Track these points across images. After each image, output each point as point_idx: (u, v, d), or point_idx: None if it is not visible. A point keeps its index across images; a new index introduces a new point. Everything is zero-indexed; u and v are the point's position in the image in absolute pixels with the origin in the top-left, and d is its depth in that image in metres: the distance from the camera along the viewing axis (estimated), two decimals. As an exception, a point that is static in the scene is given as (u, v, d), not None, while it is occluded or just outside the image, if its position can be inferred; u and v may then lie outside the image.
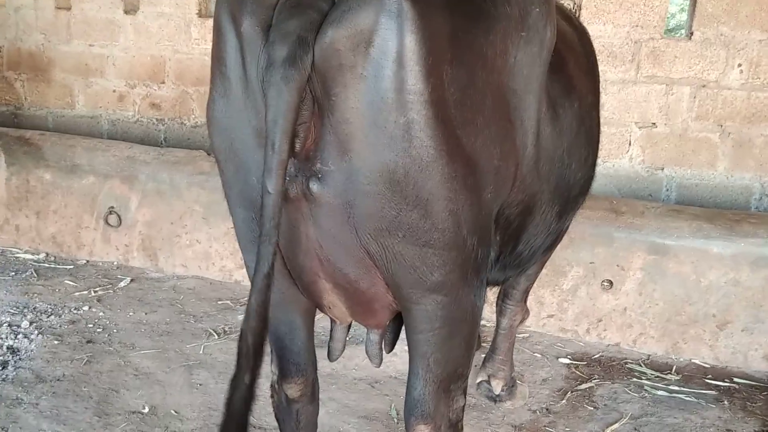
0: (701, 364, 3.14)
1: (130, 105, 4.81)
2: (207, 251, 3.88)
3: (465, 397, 1.66)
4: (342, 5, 1.28)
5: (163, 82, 4.73)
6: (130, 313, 3.39)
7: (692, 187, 3.93)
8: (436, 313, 1.51)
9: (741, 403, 2.81)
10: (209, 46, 4.69)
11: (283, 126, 1.29)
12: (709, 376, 3.03)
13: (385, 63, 1.27)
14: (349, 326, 1.88)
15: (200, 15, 4.56)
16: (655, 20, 3.80)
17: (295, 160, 1.37)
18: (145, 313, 3.41)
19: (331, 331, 1.89)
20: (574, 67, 1.98)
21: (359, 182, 1.35)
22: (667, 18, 3.86)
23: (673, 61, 3.82)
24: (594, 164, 2.14)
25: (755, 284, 3.05)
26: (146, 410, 2.59)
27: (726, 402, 2.81)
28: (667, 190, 3.98)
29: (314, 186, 1.39)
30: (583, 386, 2.92)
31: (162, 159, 3.95)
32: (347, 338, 1.90)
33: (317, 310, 1.77)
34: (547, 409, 2.75)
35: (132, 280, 3.80)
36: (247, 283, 3.69)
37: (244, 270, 3.83)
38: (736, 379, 3.00)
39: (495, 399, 2.73)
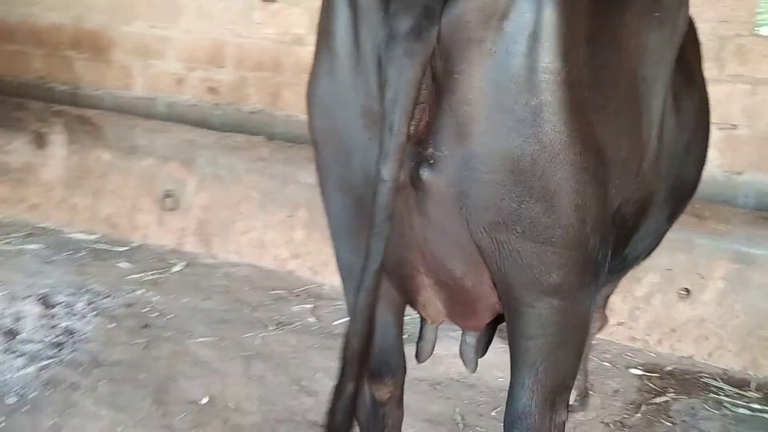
0: (783, 382, 2.94)
1: (187, 88, 4.77)
2: (262, 239, 3.82)
3: (567, 412, 1.53)
4: None
5: (222, 66, 4.68)
6: (186, 299, 3.34)
7: (773, 195, 3.70)
8: (551, 317, 1.36)
9: (831, 428, 2.61)
10: (270, 31, 4.66)
11: (404, 105, 1.16)
12: (793, 396, 2.83)
13: (519, 38, 1.14)
14: (439, 325, 1.76)
15: (262, -1, 4.49)
16: (744, 16, 3.57)
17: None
18: (201, 300, 3.36)
19: (420, 329, 1.78)
20: (692, 53, 1.82)
21: (477, 170, 1.22)
22: (757, 14, 3.63)
23: (761, 59, 3.59)
24: (704, 164, 1.98)
25: None
26: (205, 401, 2.53)
27: (815, 426, 2.62)
28: (746, 196, 3.75)
29: (425, 172, 1.26)
30: (659, 400, 2.75)
31: (221, 143, 3.91)
32: (436, 337, 1.79)
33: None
34: (621, 423, 2.60)
35: (186, 265, 3.76)
36: (301, 273, 3.66)
37: (299, 260, 3.78)
38: (822, 401, 2.80)
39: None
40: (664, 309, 3.12)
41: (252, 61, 4.62)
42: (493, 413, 2.61)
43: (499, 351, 1.98)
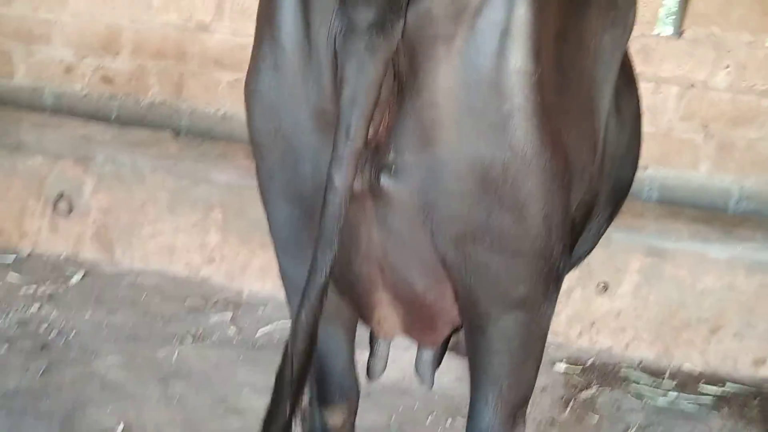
0: (692, 369, 3.12)
1: (78, 78, 4.35)
2: (171, 244, 3.55)
3: (525, 424, 1.49)
4: None
5: (118, 54, 4.30)
6: (88, 314, 3.03)
7: (674, 188, 3.91)
8: (516, 331, 1.30)
9: (738, 410, 2.80)
10: (171, 16, 4.32)
11: (362, 106, 1.04)
12: (702, 382, 3.00)
13: (491, 35, 1.05)
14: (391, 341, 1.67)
15: (162, -18, 4.16)
16: (647, 16, 3.72)
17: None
18: (106, 314, 3.07)
19: (372, 346, 1.68)
20: (627, 54, 1.83)
21: (444, 178, 1.13)
22: (659, 16, 3.80)
23: (662, 59, 3.77)
24: (638, 163, 2.00)
25: (749, 289, 3.04)
26: (119, 429, 2.30)
27: (726, 409, 2.79)
28: (649, 189, 3.94)
29: (385, 181, 1.15)
30: (584, 394, 2.83)
31: (122, 139, 3.58)
32: (388, 353, 1.70)
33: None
34: (552, 420, 2.64)
35: (85, 275, 3.42)
36: (217, 279, 3.44)
37: (213, 266, 3.55)
38: (728, 384, 2.99)
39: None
40: (583, 303, 3.21)
41: (152, 49, 4.28)
42: (428, 420, 2.57)
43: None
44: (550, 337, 3.24)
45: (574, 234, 1.54)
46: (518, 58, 1.06)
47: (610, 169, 1.58)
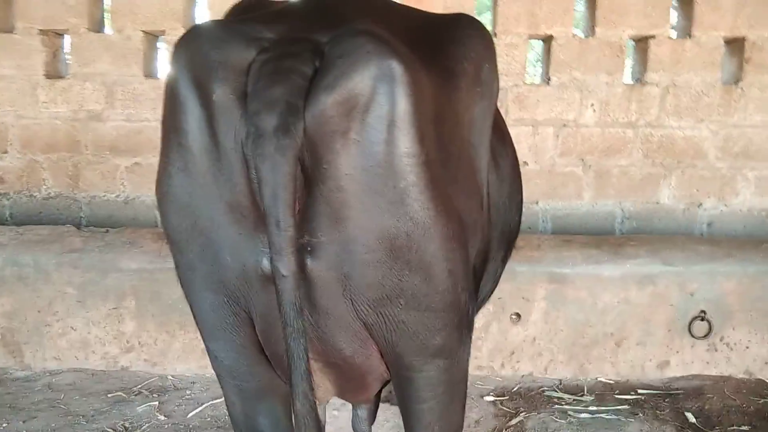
0: (606, 381, 3.36)
1: (-36, 180, 4.17)
2: (85, 338, 3.43)
3: None
4: (332, 70, 1.21)
5: (6, 152, 4.18)
6: (4, 425, 2.86)
7: (564, 217, 4.26)
8: (440, 378, 1.45)
9: (652, 413, 3.04)
10: (60, 109, 4.29)
11: (285, 200, 1.17)
12: (617, 392, 3.24)
13: (379, 128, 1.22)
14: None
15: (48, 76, 4.13)
16: (517, 68, 4.12)
17: None
18: (23, 422, 2.90)
19: None
20: (498, 115, 2.07)
21: (356, 252, 1.27)
22: (527, 66, 4.21)
23: (537, 104, 4.16)
24: (522, 207, 2.22)
25: (643, 301, 3.35)
26: None
27: (640, 414, 3.02)
28: (543, 221, 4.27)
29: (305, 260, 1.28)
30: (514, 421, 2.97)
31: (22, 239, 3.46)
32: (323, 418, 1.76)
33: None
34: (489, 451, 2.76)
35: (-6, 385, 3.23)
36: (138, 367, 3.36)
37: (132, 354, 3.45)
38: (639, 391, 3.24)
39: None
40: (500, 335, 3.40)
41: (42, 143, 4.19)
42: (373, 473, 2.61)
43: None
44: (476, 372, 3.43)
45: (476, 280, 1.72)
46: (405, 144, 1.23)
47: (496, 218, 1.79)
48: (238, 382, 1.50)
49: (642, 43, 4.17)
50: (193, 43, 1.27)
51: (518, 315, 3.38)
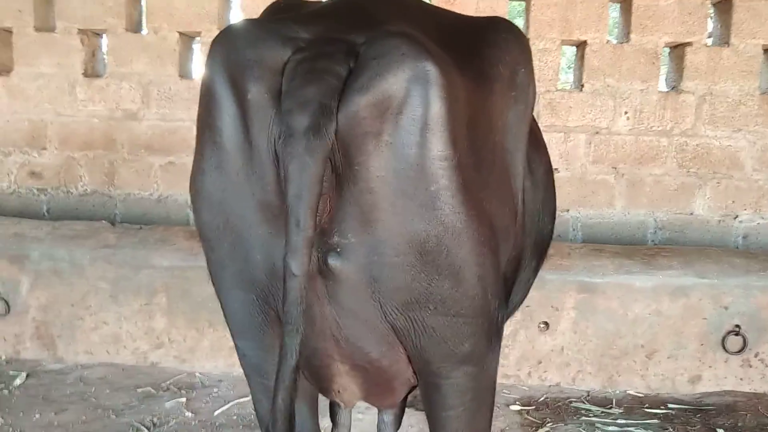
0: (635, 394, 3.30)
1: (4, 175, 4.28)
2: (116, 333, 3.49)
3: None
4: (366, 71, 1.21)
5: (45, 149, 4.27)
6: (36, 416, 2.92)
7: (595, 226, 4.21)
8: (467, 385, 1.44)
9: (683, 428, 2.98)
10: (98, 107, 4.37)
11: (308, 201, 1.18)
12: (646, 405, 3.18)
13: (412, 130, 1.22)
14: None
15: (86, 74, 4.22)
16: (550, 74, 4.09)
17: None
18: (54, 413, 2.96)
19: (333, 416, 1.74)
20: (534, 122, 2.05)
21: (386, 254, 1.27)
22: (560, 72, 4.18)
23: (569, 111, 4.12)
24: (555, 216, 2.20)
25: (675, 313, 3.29)
26: None
27: (670, 428, 2.96)
28: (574, 230, 4.23)
29: (333, 261, 1.29)
30: (541, 432, 2.94)
31: (58, 233, 3.53)
32: (351, 421, 1.76)
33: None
34: (514, 461, 2.73)
35: (28, 376, 3.30)
36: (167, 364, 3.40)
37: (162, 350, 3.51)
38: (669, 405, 3.18)
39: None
40: (528, 343, 3.37)
41: (79, 140, 4.28)
42: (397, 477, 2.61)
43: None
44: (502, 380, 3.40)
45: (507, 288, 1.71)
46: (438, 147, 1.23)
47: (530, 226, 1.78)
48: (265, 381, 1.51)
49: (678, 50, 4.11)
50: (229, 42, 1.29)
51: (546, 324, 3.35)
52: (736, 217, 4.15)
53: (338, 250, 1.28)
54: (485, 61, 1.46)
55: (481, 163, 1.37)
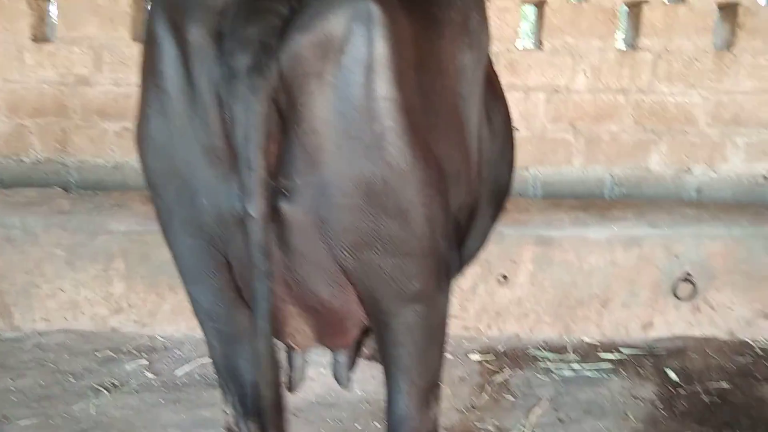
0: (590, 341, 3.39)
1: (-48, 144, 4.15)
2: (74, 299, 3.44)
3: (439, 405, 1.63)
4: (308, 10, 1.20)
5: (-7, 116, 4.15)
6: (-7, 382, 2.89)
7: (554, 183, 4.27)
8: (417, 323, 1.46)
9: (634, 371, 3.08)
10: (48, 73, 4.26)
11: (257, 140, 1.18)
12: (600, 351, 3.27)
13: (356, 70, 1.22)
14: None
15: (35, 40, 4.09)
16: (509, 33, 4.09)
17: None
18: (11, 379, 2.93)
19: (289, 360, 1.76)
20: (491, 69, 2.05)
21: (333, 196, 1.28)
22: (519, 31, 4.19)
23: (528, 69, 4.14)
24: (514, 167, 2.22)
25: (629, 263, 3.37)
26: (42, 488, 2.21)
27: (623, 372, 3.06)
28: (533, 187, 4.28)
29: (281, 203, 1.29)
30: (498, 378, 3.01)
31: (9, 201, 3.45)
32: (305, 364, 1.78)
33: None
34: (472, 406, 2.80)
35: (-16, 344, 3.26)
36: (127, 328, 3.38)
37: (122, 315, 3.47)
38: (623, 350, 3.28)
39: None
40: (487, 296, 3.43)
41: (29, 107, 4.16)
42: (358, 427, 2.65)
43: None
44: (462, 332, 3.46)
45: (461, 233, 1.73)
46: (382, 88, 1.23)
47: (487, 174, 1.80)
48: (217, 326, 1.52)
49: (635, 8, 4.14)
50: None
51: (505, 277, 3.40)
52: (690, 171, 4.25)
53: (286, 192, 1.28)
54: (435, 6, 1.47)
55: (430, 107, 1.38)
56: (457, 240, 1.75)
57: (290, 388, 1.77)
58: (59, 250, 3.39)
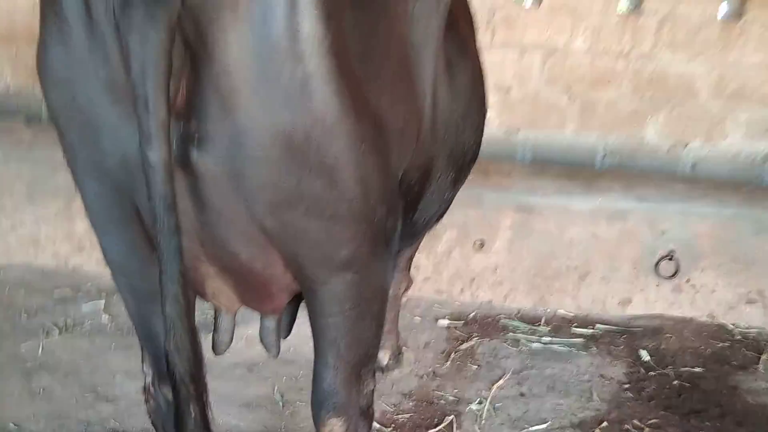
0: (566, 313, 3.29)
1: None
2: (35, 235, 3.33)
3: (375, 380, 1.52)
4: None
5: (-38, 40, 3.95)
6: (-61, 315, 2.80)
7: (545, 148, 4.10)
8: (346, 293, 1.33)
9: (606, 348, 2.98)
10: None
11: (154, 77, 1.02)
12: (575, 325, 3.17)
13: (275, 2, 1.04)
14: (235, 313, 1.64)
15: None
16: (509, -14, 3.87)
17: None
18: (-41, 313, 2.84)
19: (215, 320, 1.64)
20: (464, 26, 1.88)
21: (249, 147, 1.12)
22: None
23: (525, 27, 3.93)
24: (483, 130, 2.06)
25: (611, 236, 3.25)
26: (-25, 428, 2.13)
27: (594, 348, 2.97)
28: (523, 151, 4.12)
29: (191, 151, 1.13)
30: (464, 346, 2.92)
31: (-31, 129, 3.30)
32: (233, 326, 1.66)
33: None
34: (433, 373, 2.71)
35: (-61, 276, 3.15)
36: (89, 268, 3.26)
37: (83, 254, 3.36)
38: (598, 326, 3.18)
39: (383, 369, 2.62)
40: (463, 261, 3.31)
41: None
42: (312, 385, 2.56)
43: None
44: (434, 296, 3.34)
45: (411, 197, 1.57)
46: (307, 24, 1.06)
47: (444, 135, 1.63)
48: (130, 281, 1.40)
49: (644, -33, 3.91)
50: None
51: (482, 242, 3.28)
52: (687, 145, 4.08)
53: (196, 139, 1.12)
54: None
55: (370, 52, 1.21)
56: (411, 203, 1.61)
57: (215, 351, 1.66)
58: (19, 184, 3.26)
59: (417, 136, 1.46)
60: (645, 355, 2.93)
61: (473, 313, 3.21)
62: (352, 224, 1.25)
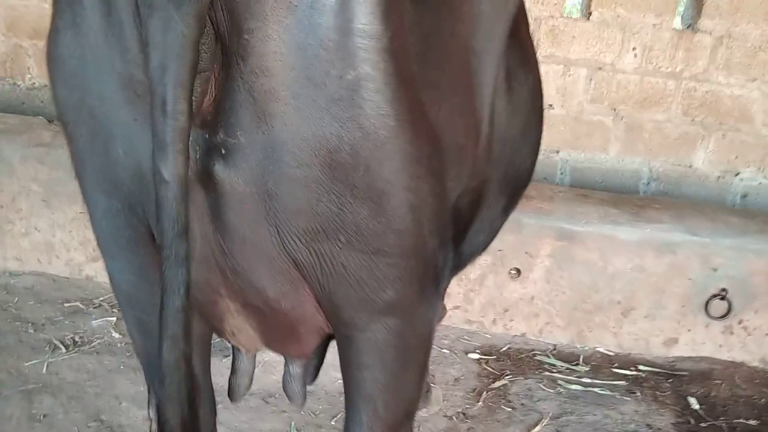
0: (605, 352, 3.06)
1: (-59, 60, 3.87)
2: (49, 241, 3.19)
3: None
4: None
5: (-12, 33, 3.85)
6: (-56, 323, 2.66)
7: (585, 170, 3.88)
8: (388, 341, 1.12)
9: (651, 393, 2.75)
10: (49, -10, 3.91)
11: (176, 73, 0.83)
12: (615, 365, 2.94)
13: None
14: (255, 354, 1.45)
15: (36, -47, 3.75)
16: (555, -3, 3.66)
17: None
18: (-35, 321, 2.70)
19: (233, 361, 1.45)
20: (526, 33, 1.68)
21: (285, 163, 0.93)
22: (567, -5, 3.75)
23: (571, 41, 3.71)
24: (538, 152, 1.84)
25: (659, 270, 3.01)
26: (-32, 456, 1.98)
27: (638, 393, 2.73)
28: (562, 173, 3.90)
29: (216, 166, 0.95)
30: (497, 384, 2.71)
31: (-13, 126, 3.18)
32: (254, 368, 1.48)
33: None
34: (463, 414, 2.50)
35: (-52, 279, 3.03)
36: (103, 278, 3.11)
37: (98, 263, 3.21)
38: (640, 367, 2.95)
39: (410, 408, 2.42)
40: (496, 289, 3.10)
41: (28, 27, 3.86)
42: (332, 422, 2.37)
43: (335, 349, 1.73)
44: (464, 326, 3.13)
45: (461, 225, 1.37)
46: (362, 18, 0.87)
47: (500, 155, 1.41)
48: (138, 315, 1.21)
49: (700, -17, 3.67)
50: None
51: (518, 270, 3.06)
52: (738, 174, 3.82)
53: (223, 151, 0.94)
54: None
55: (428, 55, 1.02)
56: (459, 233, 1.40)
57: (232, 397, 1.47)
58: (36, 186, 3.12)
59: (474, 155, 1.26)
60: (695, 403, 2.69)
61: (506, 347, 3.00)
62: (399, 260, 1.05)
